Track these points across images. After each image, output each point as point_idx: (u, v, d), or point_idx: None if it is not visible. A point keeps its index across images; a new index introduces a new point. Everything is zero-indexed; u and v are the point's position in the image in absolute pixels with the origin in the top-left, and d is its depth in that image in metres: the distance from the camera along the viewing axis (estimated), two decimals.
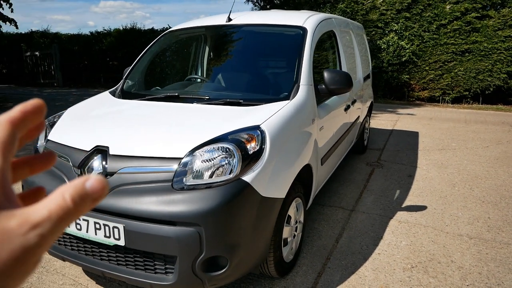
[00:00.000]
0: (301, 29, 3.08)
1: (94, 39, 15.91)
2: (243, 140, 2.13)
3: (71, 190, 0.29)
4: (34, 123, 0.35)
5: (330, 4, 11.01)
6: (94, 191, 0.29)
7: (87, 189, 0.29)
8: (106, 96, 3.13)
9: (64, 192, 0.29)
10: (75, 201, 0.28)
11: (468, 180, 4.51)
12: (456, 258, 2.87)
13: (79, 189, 0.29)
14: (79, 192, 0.29)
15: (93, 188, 0.29)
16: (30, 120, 0.34)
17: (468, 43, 10.10)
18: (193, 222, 1.92)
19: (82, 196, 0.29)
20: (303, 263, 2.79)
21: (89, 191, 0.29)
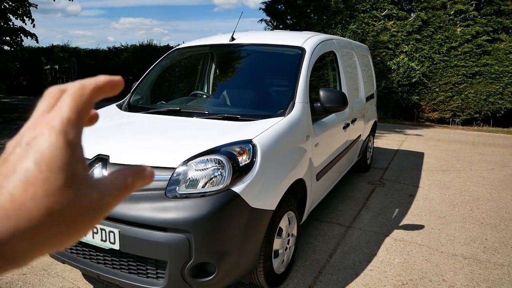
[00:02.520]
0: (300, 49, 3.21)
1: (111, 54, 16.40)
2: (235, 153, 2.23)
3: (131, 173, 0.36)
4: (109, 94, 0.36)
5: (342, 25, 11.20)
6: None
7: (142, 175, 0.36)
8: (113, 109, 3.28)
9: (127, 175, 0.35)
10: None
11: (469, 202, 4.52)
12: (448, 277, 2.89)
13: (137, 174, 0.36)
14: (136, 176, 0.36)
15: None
16: (107, 90, 0.35)
17: (479, 65, 10.13)
18: (183, 229, 2.02)
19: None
20: (295, 276, 2.85)
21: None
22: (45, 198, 0.28)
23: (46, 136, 0.30)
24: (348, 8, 11.20)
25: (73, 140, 0.31)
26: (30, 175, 0.29)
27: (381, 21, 10.96)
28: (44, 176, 0.29)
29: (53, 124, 0.30)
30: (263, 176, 2.29)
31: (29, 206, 0.28)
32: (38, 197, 0.28)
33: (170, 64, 3.97)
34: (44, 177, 0.29)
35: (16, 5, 9.53)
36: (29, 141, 0.30)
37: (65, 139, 0.30)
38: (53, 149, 0.29)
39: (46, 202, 0.28)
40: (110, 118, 3.05)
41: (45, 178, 0.29)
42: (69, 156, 0.30)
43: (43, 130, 0.30)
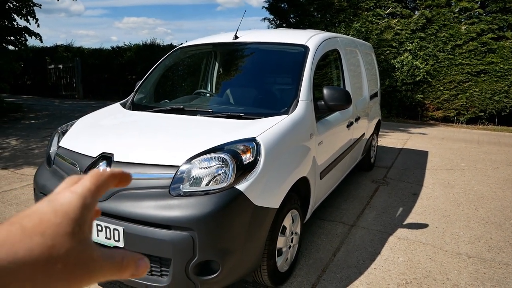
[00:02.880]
0: (303, 47, 3.21)
1: (115, 54, 16.43)
2: (239, 151, 2.23)
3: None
4: (120, 184, 0.41)
5: (345, 24, 11.16)
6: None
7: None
8: (117, 107, 3.29)
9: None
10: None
11: (473, 200, 4.50)
12: (452, 276, 2.88)
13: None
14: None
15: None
16: (119, 179, 0.40)
17: (484, 63, 10.08)
18: (186, 227, 2.02)
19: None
20: (299, 275, 2.84)
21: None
22: (51, 237, 0.32)
23: (67, 195, 0.35)
24: (352, 6, 11.17)
25: (89, 205, 0.36)
26: (45, 217, 0.33)
27: (385, 19, 10.93)
28: (57, 221, 0.33)
29: (75, 190, 0.36)
30: (267, 174, 2.29)
31: (35, 240, 0.31)
32: (46, 234, 0.32)
33: (174, 63, 3.98)
34: (56, 222, 0.33)
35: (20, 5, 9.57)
36: (51, 199, 0.35)
37: (82, 201, 0.35)
38: (71, 204, 0.35)
39: (51, 241, 0.32)
40: (114, 116, 3.06)
41: (57, 223, 0.33)
42: (82, 214, 0.35)
43: (65, 193, 0.36)
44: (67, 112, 11.66)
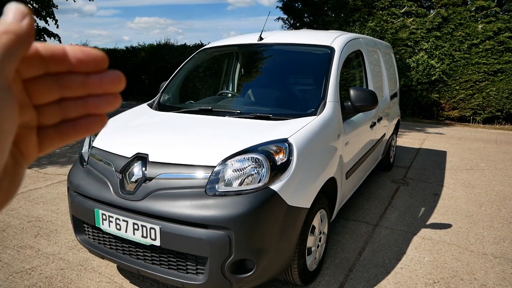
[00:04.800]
0: (329, 49, 3.23)
1: (129, 54, 16.60)
2: (272, 151, 2.28)
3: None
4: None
5: (360, 23, 11.13)
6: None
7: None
8: (145, 108, 3.36)
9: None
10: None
11: (495, 201, 4.48)
12: (479, 276, 2.89)
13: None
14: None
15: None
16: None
17: (501, 63, 9.98)
18: (223, 226, 2.07)
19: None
20: (326, 274, 2.88)
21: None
22: None
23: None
24: (366, 6, 11.13)
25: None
26: None
27: (400, 18, 10.87)
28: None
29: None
30: (299, 175, 2.33)
31: None
32: None
33: (198, 64, 4.04)
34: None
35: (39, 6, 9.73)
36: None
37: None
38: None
39: None
40: (144, 117, 3.12)
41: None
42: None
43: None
44: None
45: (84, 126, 0.36)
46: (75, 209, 2.64)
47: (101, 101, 0.35)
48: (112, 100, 0.36)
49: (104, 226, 2.42)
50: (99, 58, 0.34)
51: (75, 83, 0.34)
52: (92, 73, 0.34)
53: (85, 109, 0.35)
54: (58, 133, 0.36)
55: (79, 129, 0.36)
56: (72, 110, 0.35)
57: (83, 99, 0.35)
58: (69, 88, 0.34)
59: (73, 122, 0.36)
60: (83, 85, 0.34)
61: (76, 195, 2.63)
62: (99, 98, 0.35)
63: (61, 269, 2.97)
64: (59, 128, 0.36)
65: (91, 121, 0.36)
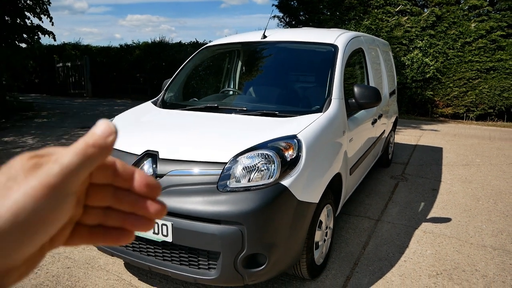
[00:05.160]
0: (333, 47, 3.28)
1: (123, 52, 16.51)
2: (281, 148, 2.32)
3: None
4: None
5: (355, 21, 11.21)
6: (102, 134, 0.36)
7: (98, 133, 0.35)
8: (150, 106, 3.38)
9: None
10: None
11: (492, 195, 4.57)
12: (480, 267, 2.97)
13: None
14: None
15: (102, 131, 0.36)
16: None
17: (493, 61, 10.12)
18: (236, 221, 2.11)
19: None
20: (332, 267, 2.93)
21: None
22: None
23: (51, 166, 0.33)
24: (362, 4, 11.21)
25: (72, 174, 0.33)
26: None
27: (394, 16, 10.97)
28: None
29: (59, 160, 0.33)
30: (308, 170, 2.37)
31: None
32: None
33: (201, 62, 4.06)
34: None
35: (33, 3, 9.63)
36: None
37: (65, 171, 0.33)
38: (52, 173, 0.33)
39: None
40: (150, 115, 3.14)
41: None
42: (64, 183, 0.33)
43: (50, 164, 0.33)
44: (78, 110, 11.75)
45: (114, 237, 0.39)
46: None
47: (138, 221, 0.38)
48: (147, 224, 0.39)
49: None
50: (155, 187, 0.38)
51: (128, 200, 0.38)
52: (145, 197, 0.38)
53: (122, 223, 0.38)
54: (89, 234, 0.38)
55: (108, 238, 0.39)
56: (112, 220, 0.38)
57: (125, 214, 0.38)
58: (121, 201, 0.38)
59: (105, 229, 0.39)
60: (134, 204, 0.38)
61: None
62: (138, 218, 0.38)
63: (68, 267, 2.99)
64: (93, 230, 0.39)
65: (120, 235, 0.39)
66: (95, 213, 0.38)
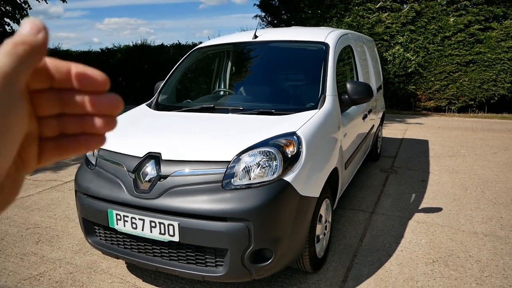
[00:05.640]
0: (324, 45, 3.36)
1: (105, 56, 16.32)
2: (282, 144, 2.38)
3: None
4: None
5: (337, 19, 11.36)
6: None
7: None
8: (145, 108, 3.39)
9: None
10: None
11: (479, 184, 4.73)
12: (473, 253, 3.08)
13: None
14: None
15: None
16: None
17: (472, 54, 10.39)
18: (242, 218, 2.16)
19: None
20: (332, 260, 3.01)
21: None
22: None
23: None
24: (343, 1, 11.36)
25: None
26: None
27: (375, 13, 11.15)
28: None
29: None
30: (308, 166, 2.44)
31: None
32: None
33: (193, 63, 4.09)
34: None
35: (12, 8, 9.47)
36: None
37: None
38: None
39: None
40: (147, 117, 3.17)
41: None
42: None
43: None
44: None
45: (82, 143, 0.38)
46: (85, 211, 2.66)
47: (97, 121, 0.37)
48: (108, 122, 0.37)
49: (118, 226, 2.46)
50: (100, 79, 0.36)
51: (74, 100, 0.36)
52: (92, 93, 0.36)
53: (81, 127, 0.37)
54: (57, 147, 0.37)
55: (77, 145, 0.38)
56: (69, 126, 0.37)
57: (81, 116, 0.37)
58: (69, 104, 0.36)
59: (72, 138, 0.37)
60: (82, 103, 0.36)
61: (86, 197, 2.66)
62: (95, 118, 0.37)
63: (70, 273, 2.98)
64: (58, 142, 0.37)
65: (89, 139, 0.38)
66: (50, 123, 0.37)
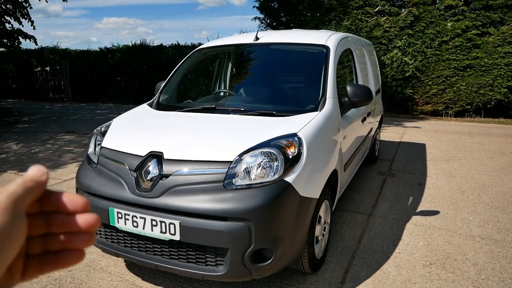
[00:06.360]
0: (324, 47, 3.39)
1: (103, 55, 16.31)
2: (283, 145, 2.40)
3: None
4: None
5: (336, 22, 11.42)
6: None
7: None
8: (147, 108, 3.41)
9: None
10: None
11: (476, 188, 4.77)
12: (470, 256, 3.12)
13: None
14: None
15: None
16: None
17: (470, 59, 10.47)
18: (243, 218, 2.18)
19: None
20: (331, 261, 3.03)
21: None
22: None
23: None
24: (341, 5, 11.42)
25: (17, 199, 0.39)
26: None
27: (374, 17, 11.22)
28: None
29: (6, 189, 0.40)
30: (309, 167, 2.46)
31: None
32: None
33: (194, 64, 4.11)
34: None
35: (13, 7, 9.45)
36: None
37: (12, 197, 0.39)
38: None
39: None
40: (149, 117, 3.18)
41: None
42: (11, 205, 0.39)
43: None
44: (60, 115, 11.57)
45: (62, 259, 0.43)
46: None
47: (77, 237, 0.43)
48: (85, 238, 0.43)
49: (119, 224, 2.47)
50: (81, 204, 0.43)
51: (59, 221, 0.43)
52: (74, 214, 0.43)
53: (62, 243, 0.43)
54: (40, 263, 0.43)
55: (58, 261, 0.43)
56: (52, 243, 0.43)
57: (63, 234, 0.43)
58: (54, 225, 0.43)
59: (53, 255, 0.43)
60: (65, 223, 0.43)
61: (87, 195, 2.67)
62: (75, 235, 0.43)
63: (69, 270, 2.99)
64: (41, 259, 0.43)
65: (68, 255, 0.43)
66: (37, 241, 0.42)
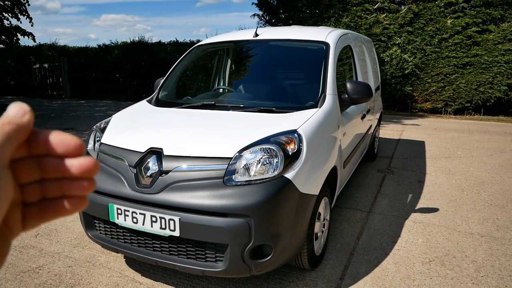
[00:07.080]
0: (324, 44, 3.38)
1: (102, 52, 16.26)
2: (283, 142, 2.40)
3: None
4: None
5: (335, 19, 11.39)
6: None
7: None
8: (146, 104, 3.40)
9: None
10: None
11: (475, 186, 4.78)
12: (469, 253, 3.12)
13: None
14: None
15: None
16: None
17: (469, 56, 10.46)
18: (243, 214, 2.18)
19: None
20: (330, 258, 3.04)
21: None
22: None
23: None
24: (341, 2, 11.40)
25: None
26: None
27: (373, 14, 11.20)
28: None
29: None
30: (308, 164, 2.46)
31: None
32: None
33: (194, 61, 4.10)
34: None
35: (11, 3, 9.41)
36: None
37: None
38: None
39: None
40: (149, 113, 3.17)
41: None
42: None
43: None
44: (59, 111, 11.55)
45: (64, 206, 0.39)
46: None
47: (74, 184, 0.38)
48: (85, 184, 0.38)
49: (119, 221, 2.47)
50: (74, 144, 0.38)
51: (52, 166, 0.38)
52: (69, 158, 0.38)
53: (61, 190, 0.39)
54: (40, 211, 0.39)
55: (59, 208, 0.39)
56: (50, 190, 0.39)
57: (59, 180, 0.38)
58: (48, 170, 0.38)
59: (54, 201, 0.39)
60: (59, 168, 0.38)
61: None
62: (72, 181, 0.38)
63: (69, 266, 2.99)
64: (41, 207, 0.39)
65: (70, 202, 0.39)
66: (32, 188, 0.39)
